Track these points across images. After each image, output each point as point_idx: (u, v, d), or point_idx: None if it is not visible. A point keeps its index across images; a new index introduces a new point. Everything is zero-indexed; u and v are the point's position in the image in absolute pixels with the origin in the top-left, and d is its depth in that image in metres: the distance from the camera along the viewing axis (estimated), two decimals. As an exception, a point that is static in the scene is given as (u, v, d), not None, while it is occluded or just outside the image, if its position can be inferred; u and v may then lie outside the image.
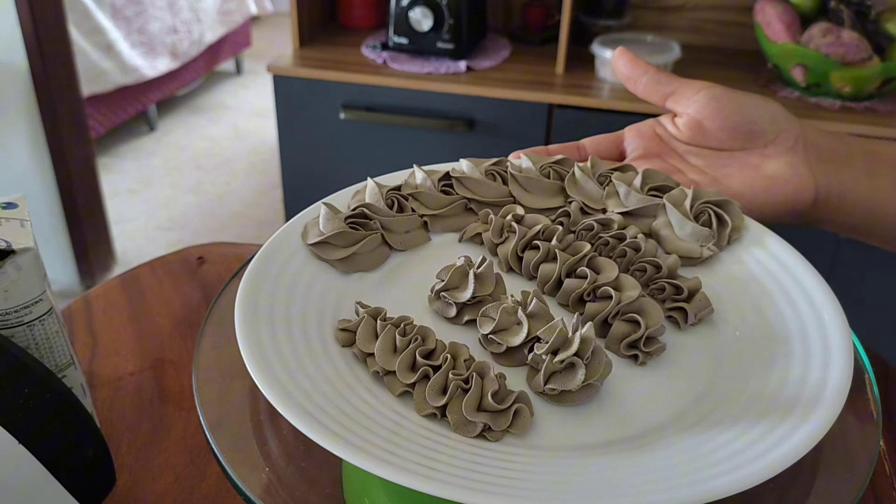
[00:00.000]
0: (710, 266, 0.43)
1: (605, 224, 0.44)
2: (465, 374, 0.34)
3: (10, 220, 0.41)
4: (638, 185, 0.46)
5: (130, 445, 0.51)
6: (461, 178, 0.47)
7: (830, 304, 0.38)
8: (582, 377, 0.33)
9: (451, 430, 0.33)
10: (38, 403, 0.37)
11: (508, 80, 1.35)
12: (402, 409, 0.34)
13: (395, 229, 0.44)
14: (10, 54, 1.69)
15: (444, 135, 1.38)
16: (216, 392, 0.39)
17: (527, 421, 0.33)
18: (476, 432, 0.32)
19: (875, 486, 0.48)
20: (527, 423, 0.33)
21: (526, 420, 0.33)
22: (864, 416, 0.36)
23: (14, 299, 0.40)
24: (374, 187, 0.45)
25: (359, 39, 1.52)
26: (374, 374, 0.35)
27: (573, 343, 0.34)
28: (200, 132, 2.96)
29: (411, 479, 0.28)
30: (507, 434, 0.33)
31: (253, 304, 0.37)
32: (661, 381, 0.36)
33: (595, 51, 1.35)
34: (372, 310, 0.38)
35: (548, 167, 0.48)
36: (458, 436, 0.32)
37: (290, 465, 0.38)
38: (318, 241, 0.42)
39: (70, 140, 1.83)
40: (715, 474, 0.29)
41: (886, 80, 1.24)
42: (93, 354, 0.59)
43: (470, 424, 0.33)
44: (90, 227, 1.96)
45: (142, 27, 2.61)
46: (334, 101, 1.40)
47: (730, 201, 0.45)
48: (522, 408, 0.33)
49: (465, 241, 0.45)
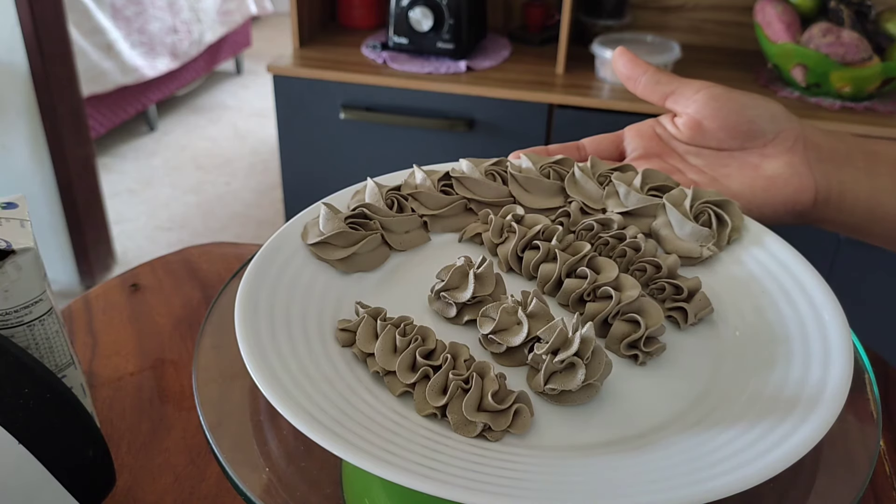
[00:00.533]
0: (710, 266, 0.43)
1: (604, 224, 0.44)
2: (466, 374, 0.34)
3: (10, 220, 0.41)
4: (638, 185, 0.46)
5: (130, 445, 0.51)
6: (461, 178, 0.47)
7: (830, 304, 0.38)
8: (582, 377, 0.33)
9: (451, 430, 0.33)
10: (38, 403, 0.37)
11: (508, 80, 1.35)
12: (403, 409, 0.34)
13: (395, 229, 0.44)
14: (10, 54, 1.69)
15: (444, 135, 1.38)
16: (216, 392, 0.39)
17: (527, 421, 0.33)
18: (476, 432, 0.33)
19: (875, 486, 0.48)
20: (527, 423, 0.33)
21: (526, 420, 0.33)
22: (864, 416, 0.36)
23: (14, 299, 0.40)
24: (373, 187, 0.45)
25: (359, 39, 1.52)
26: (375, 375, 0.35)
27: (573, 343, 0.34)
28: (200, 132, 2.96)
29: (411, 479, 0.28)
30: (508, 434, 0.33)
31: (253, 304, 0.37)
32: (661, 381, 0.36)
33: (595, 51, 1.35)
34: (372, 310, 0.38)
35: (548, 167, 0.48)
36: (458, 436, 0.33)
37: (290, 465, 0.38)
38: (318, 241, 0.42)
39: (70, 140, 1.83)
40: (715, 474, 0.29)
41: (886, 80, 1.24)
42: (93, 354, 0.59)
43: (470, 424, 0.33)
44: (90, 227, 1.96)
45: (142, 27, 2.61)
46: (334, 101, 1.40)
47: (729, 201, 0.45)
48: (522, 408, 0.33)
49: (465, 241, 0.45)
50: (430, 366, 0.35)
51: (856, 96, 1.27)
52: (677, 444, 0.32)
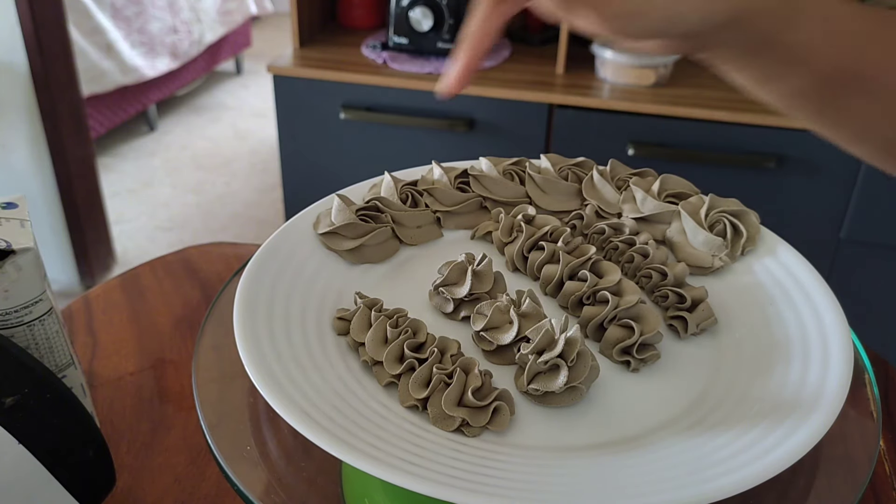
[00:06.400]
0: (720, 275, 0.43)
1: (616, 228, 0.44)
2: (450, 368, 0.34)
3: (10, 220, 0.41)
4: (656, 191, 0.46)
5: (130, 445, 0.51)
6: (478, 177, 0.47)
7: (832, 308, 0.38)
8: (564, 379, 0.33)
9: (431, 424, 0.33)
10: (38, 403, 0.37)
11: (508, 80, 1.35)
12: (388, 400, 0.34)
13: (407, 223, 0.44)
14: (10, 54, 1.69)
15: (444, 135, 1.38)
16: (216, 392, 0.39)
17: (505, 419, 0.33)
18: (454, 426, 0.33)
19: (875, 486, 0.48)
20: (505, 421, 0.33)
21: (505, 418, 0.33)
22: (864, 416, 0.36)
23: (14, 299, 0.40)
24: (389, 181, 0.46)
25: (359, 39, 1.52)
26: (364, 364, 0.36)
27: (558, 344, 0.34)
28: (200, 132, 2.96)
29: (387, 472, 0.29)
30: (487, 431, 0.33)
31: (252, 304, 0.37)
32: (651, 389, 0.36)
33: (595, 51, 1.35)
34: (369, 300, 0.38)
35: (567, 169, 0.48)
36: (438, 430, 0.33)
37: (289, 466, 0.38)
38: (327, 230, 0.42)
39: (70, 140, 1.83)
40: (716, 474, 0.29)
41: (886, 80, 1.24)
42: (93, 354, 0.59)
43: (448, 419, 0.33)
44: (90, 227, 1.96)
45: (142, 27, 2.61)
46: (334, 101, 1.40)
47: (747, 211, 0.44)
48: (502, 406, 0.33)
49: (477, 238, 0.45)
50: (416, 358, 0.35)
51: (856, 96, 1.27)
52: (668, 449, 0.32)
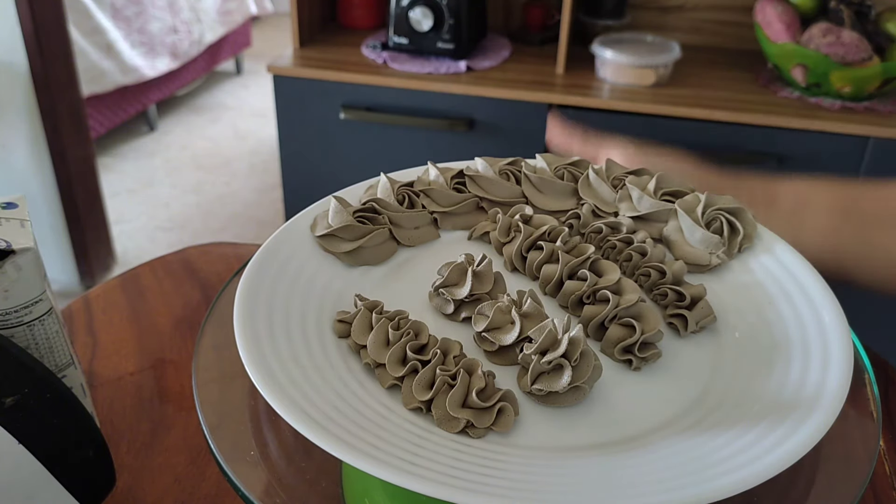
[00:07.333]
0: (718, 273, 0.43)
1: (613, 227, 0.44)
2: (453, 370, 0.34)
3: (10, 220, 0.41)
4: (652, 189, 0.46)
5: (130, 445, 0.51)
6: (474, 177, 0.47)
7: (831, 308, 0.38)
8: (568, 379, 0.33)
9: (435, 426, 0.33)
10: (38, 403, 0.37)
11: (508, 80, 1.35)
12: (391, 402, 0.34)
13: (404, 225, 0.44)
14: (10, 54, 1.69)
15: (444, 135, 1.38)
16: (216, 392, 0.39)
17: (510, 420, 0.33)
18: (459, 428, 0.33)
19: (875, 486, 0.48)
20: (510, 421, 0.33)
21: (509, 419, 0.33)
22: (864, 416, 0.36)
23: (14, 299, 0.40)
24: (385, 182, 0.46)
25: (359, 39, 1.52)
26: (367, 367, 0.36)
27: (561, 344, 0.34)
28: (200, 132, 2.96)
29: (390, 474, 0.29)
30: (491, 432, 0.33)
31: (252, 304, 0.37)
32: (654, 387, 0.36)
33: (595, 51, 1.35)
34: (369, 302, 0.38)
35: (563, 168, 0.47)
36: (442, 431, 0.33)
37: (289, 466, 0.38)
38: (325, 233, 0.42)
39: (70, 140, 1.83)
40: (716, 474, 0.29)
41: (886, 80, 1.24)
42: (93, 354, 0.59)
43: (453, 420, 0.33)
44: (90, 227, 1.96)
45: (142, 27, 2.60)
46: (334, 101, 1.40)
47: (743, 209, 0.44)
48: (507, 406, 0.33)
49: (475, 239, 0.45)
50: (419, 360, 0.35)
51: (856, 96, 1.27)
52: (668, 448, 0.32)
